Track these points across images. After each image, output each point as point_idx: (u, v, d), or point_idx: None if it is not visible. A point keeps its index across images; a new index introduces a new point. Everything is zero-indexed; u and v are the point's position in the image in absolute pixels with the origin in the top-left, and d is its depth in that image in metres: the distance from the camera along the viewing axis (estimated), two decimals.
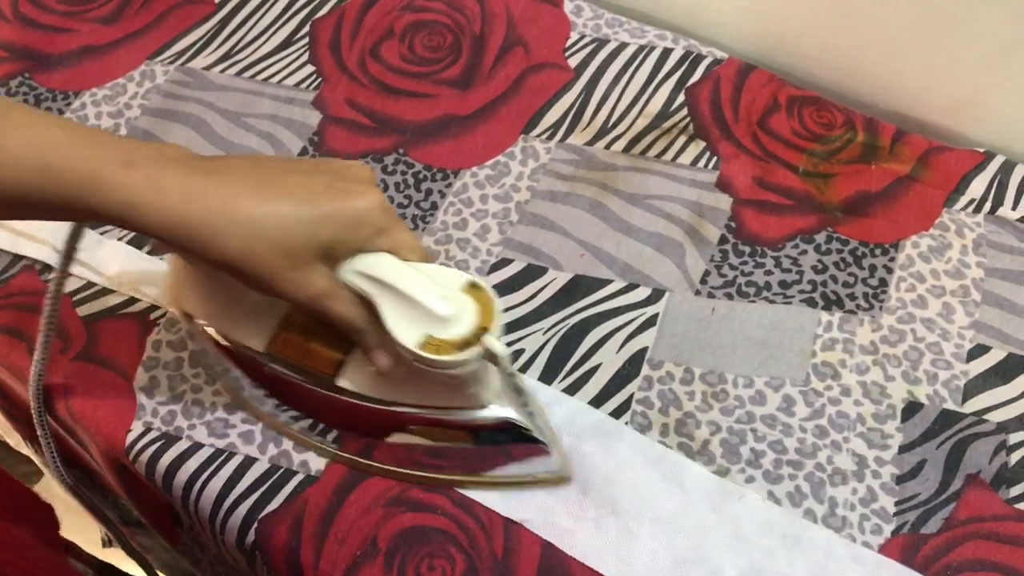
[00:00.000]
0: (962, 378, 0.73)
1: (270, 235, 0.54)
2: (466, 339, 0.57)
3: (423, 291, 0.57)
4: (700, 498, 0.68)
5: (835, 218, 0.81)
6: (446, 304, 0.57)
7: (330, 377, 0.64)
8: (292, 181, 0.56)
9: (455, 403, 0.63)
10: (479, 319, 0.57)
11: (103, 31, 0.95)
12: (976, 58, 0.84)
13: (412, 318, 0.57)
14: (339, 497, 0.68)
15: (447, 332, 0.57)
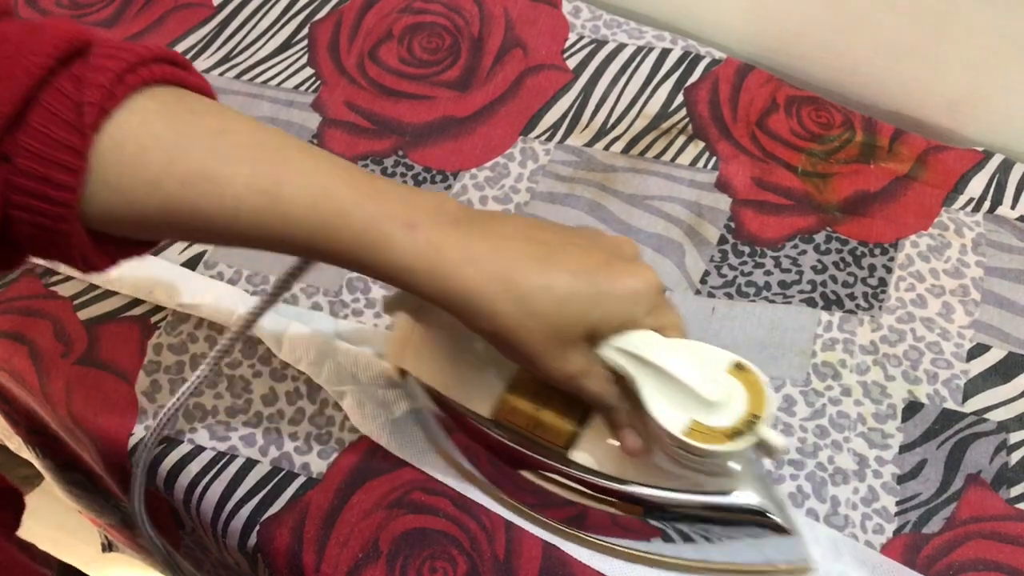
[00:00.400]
0: (962, 377, 0.73)
1: (545, 309, 0.52)
2: (736, 428, 0.54)
3: (691, 374, 0.54)
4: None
5: (834, 218, 0.82)
6: (715, 388, 0.54)
7: (562, 449, 0.62)
8: (570, 255, 0.54)
9: (699, 487, 0.59)
10: (749, 406, 0.55)
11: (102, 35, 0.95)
12: (974, 57, 0.84)
13: (677, 401, 0.54)
14: (340, 500, 0.68)
15: (714, 419, 0.54)
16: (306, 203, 0.49)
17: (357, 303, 0.77)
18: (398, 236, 0.50)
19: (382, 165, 0.85)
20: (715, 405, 0.54)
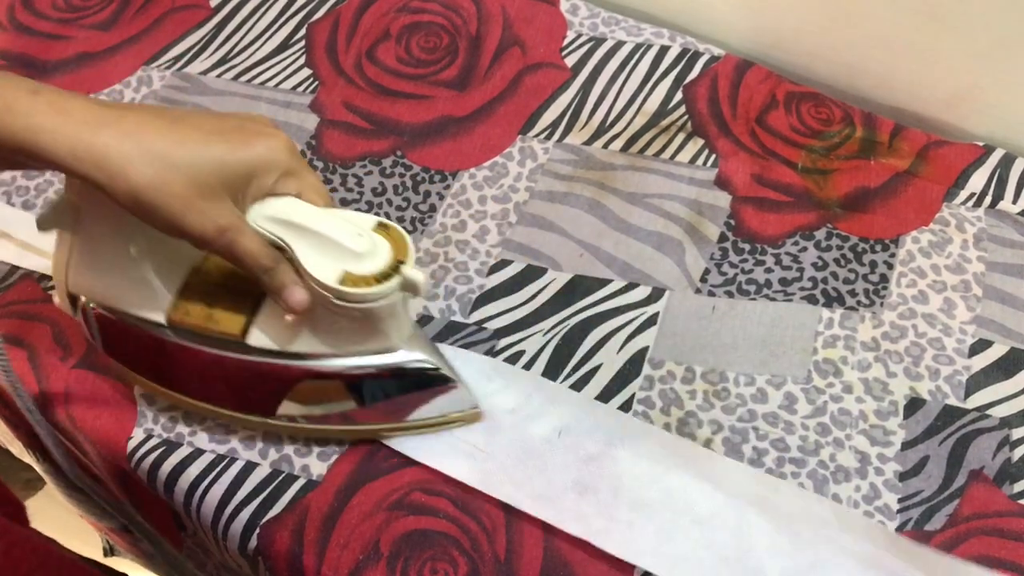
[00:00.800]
0: (964, 373, 0.73)
1: (182, 165, 0.54)
2: (384, 272, 0.59)
3: (337, 229, 0.59)
4: (735, 493, 0.68)
5: (835, 214, 0.81)
6: (361, 241, 0.59)
7: (238, 338, 0.65)
8: (201, 119, 0.57)
9: (367, 347, 0.64)
10: (394, 253, 0.59)
11: (99, 37, 0.95)
12: (973, 51, 0.83)
13: (328, 256, 0.59)
14: (340, 502, 0.68)
15: (364, 267, 0.59)
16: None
17: None
18: (23, 99, 0.52)
19: (380, 165, 0.85)
20: (363, 255, 0.59)
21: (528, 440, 0.69)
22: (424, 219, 0.82)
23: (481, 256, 0.80)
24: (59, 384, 0.74)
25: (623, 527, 0.66)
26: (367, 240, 0.59)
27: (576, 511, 0.66)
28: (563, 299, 0.78)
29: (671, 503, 0.67)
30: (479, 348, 0.75)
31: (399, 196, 0.83)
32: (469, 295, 0.78)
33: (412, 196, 0.83)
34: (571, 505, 0.66)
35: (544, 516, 0.66)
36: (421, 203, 0.83)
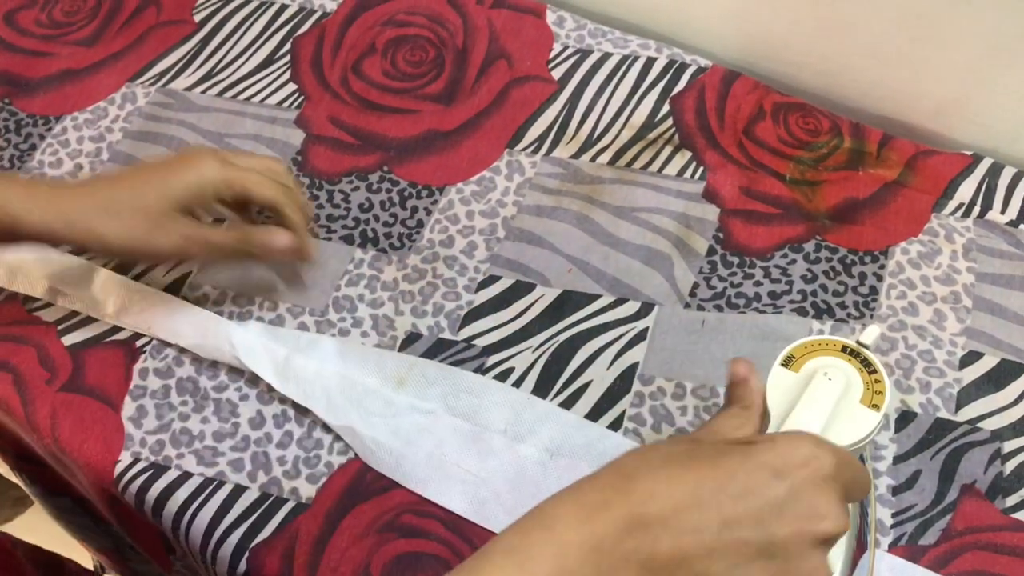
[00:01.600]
0: (955, 386, 0.73)
1: (134, 204, 0.66)
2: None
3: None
4: None
5: (823, 226, 0.81)
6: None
7: None
8: (145, 165, 0.72)
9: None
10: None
11: (83, 54, 0.94)
12: (960, 60, 0.83)
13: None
14: (330, 525, 0.67)
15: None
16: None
17: (344, 322, 0.77)
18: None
19: (367, 181, 0.85)
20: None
21: (521, 463, 0.69)
22: (411, 235, 0.82)
23: (469, 272, 0.79)
24: (45, 407, 0.73)
25: None
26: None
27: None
28: (552, 315, 0.77)
29: None
30: (468, 366, 0.74)
31: (386, 212, 0.83)
32: (457, 312, 0.77)
33: (399, 212, 0.83)
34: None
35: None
36: (408, 219, 0.83)
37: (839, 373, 0.55)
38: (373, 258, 0.80)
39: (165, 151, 0.87)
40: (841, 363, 0.56)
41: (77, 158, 0.87)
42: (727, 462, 0.44)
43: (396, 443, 0.70)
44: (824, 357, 0.57)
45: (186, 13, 0.98)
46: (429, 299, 0.78)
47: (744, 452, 0.45)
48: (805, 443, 0.45)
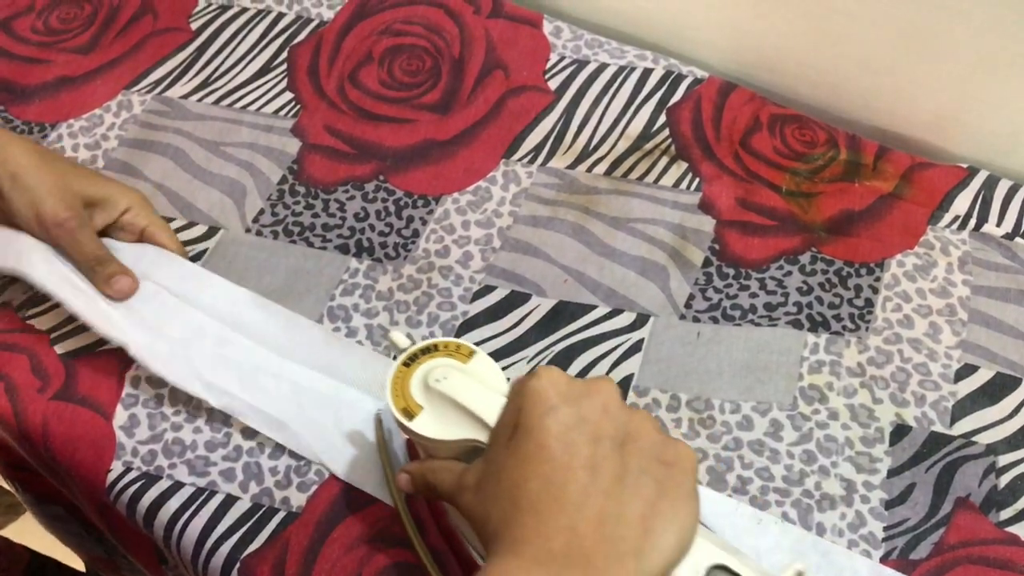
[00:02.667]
0: (950, 399, 0.72)
1: (57, 166, 0.73)
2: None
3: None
4: (718, 525, 0.67)
5: (819, 238, 0.81)
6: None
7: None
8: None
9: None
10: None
11: (79, 61, 0.94)
12: (956, 73, 0.83)
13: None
14: (321, 534, 0.67)
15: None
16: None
17: (338, 332, 0.76)
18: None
19: (363, 190, 0.85)
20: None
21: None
22: (407, 244, 0.82)
23: (465, 282, 0.79)
24: (37, 416, 0.73)
25: None
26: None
27: None
28: (547, 326, 0.77)
29: None
30: None
31: (382, 221, 0.83)
32: (452, 322, 0.77)
33: (395, 221, 0.83)
34: None
35: None
36: (404, 228, 0.82)
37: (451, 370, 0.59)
38: (368, 268, 0.80)
39: (161, 159, 0.87)
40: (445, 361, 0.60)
41: None
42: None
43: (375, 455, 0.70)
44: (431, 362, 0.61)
45: (182, 21, 0.98)
46: (424, 309, 0.78)
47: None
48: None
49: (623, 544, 0.48)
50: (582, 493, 0.49)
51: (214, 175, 0.86)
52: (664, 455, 0.52)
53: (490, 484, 0.52)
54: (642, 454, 0.51)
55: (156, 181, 0.86)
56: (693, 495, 0.51)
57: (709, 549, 0.51)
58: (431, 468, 0.59)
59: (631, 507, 0.49)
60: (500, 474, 0.52)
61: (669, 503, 0.50)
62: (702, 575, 0.50)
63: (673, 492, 0.50)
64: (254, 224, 0.83)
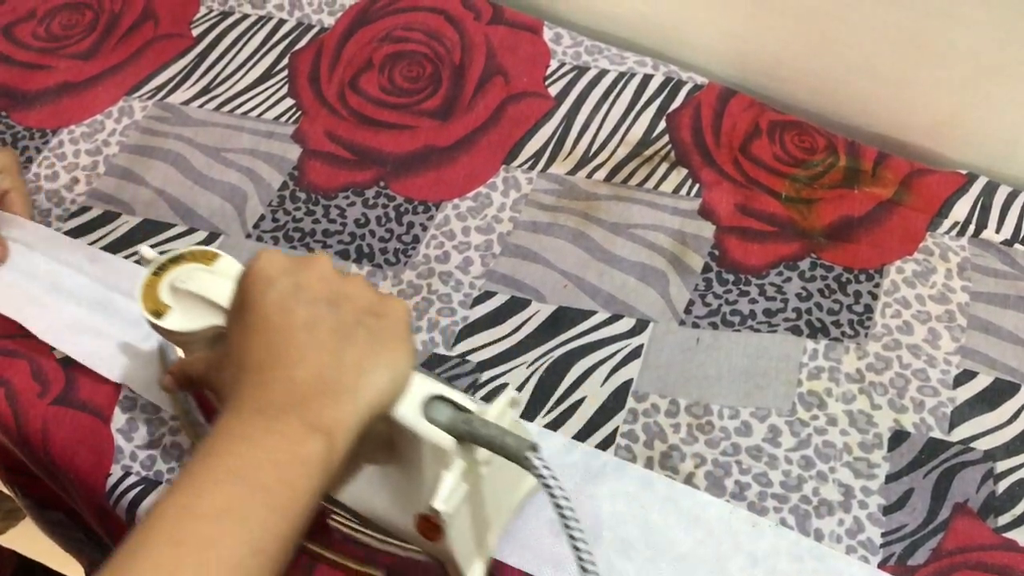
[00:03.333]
0: (948, 405, 0.72)
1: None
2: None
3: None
4: (714, 529, 0.67)
5: (819, 244, 0.81)
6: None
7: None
8: None
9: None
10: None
11: (80, 67, 0.95)
12: (954, 79, 0.83)
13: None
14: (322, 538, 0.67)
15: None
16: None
17: None
18: None
19: (363, 196, 0.85)
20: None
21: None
22: (407, 250, 0.82)
23: (465, 288, 0.79)
24: (37, 420, 0.73)
25: (601, 567, 0.65)
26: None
27: (553, 554, 0.66)
28: (547, 331, 0.77)
29: (651, 541, 0.66)
30: (462, 381, 0.74)
31: (382, 227, 0.83)
32: (452, 327, 0.77)
33: (395, 227, 0.83)
34: (548, 548, 0.66)
35: (521, 565, 0.65)
36: (404, 234, 0.83)
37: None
38: (368, 273, 0.80)
39: (162, 165, 0.87)
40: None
41: (74, 171, 0.87)
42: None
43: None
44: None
45: (184, 27, 0.98)
46: (424, 314, 0.78)
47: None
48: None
49: (338, 385, 0.53)
50: (300, 349, 0.53)
51: (215, 181, 0.86)
52: (377, 309, 0.57)
53: (225, 359, 0.57)
54: (357, 310, 0.56)
55: (157, 187, 0.86)
56: (406, 340, 0.56)
57: (428, 384, 0.56)
58: (188, 363, 0.63)
59: (347, 355, 0.54)
60: (232, 348, 0.56)
61: (382, 348, 0.55)
62: (420, 404, 0.55)
63: (386, 339, 0.55)
64: (255, 230, 0.83)
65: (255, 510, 0.48)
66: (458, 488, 0.55)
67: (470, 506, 0.58)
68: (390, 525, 0.61)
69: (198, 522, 0.47)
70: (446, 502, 0.54)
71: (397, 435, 0.57)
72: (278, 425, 0.51)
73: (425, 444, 0.55)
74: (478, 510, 0.60)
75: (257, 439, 0.51)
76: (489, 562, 0.64)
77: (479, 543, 0.62)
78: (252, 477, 0.49)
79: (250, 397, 0.53)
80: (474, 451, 0.55)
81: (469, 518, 0.59)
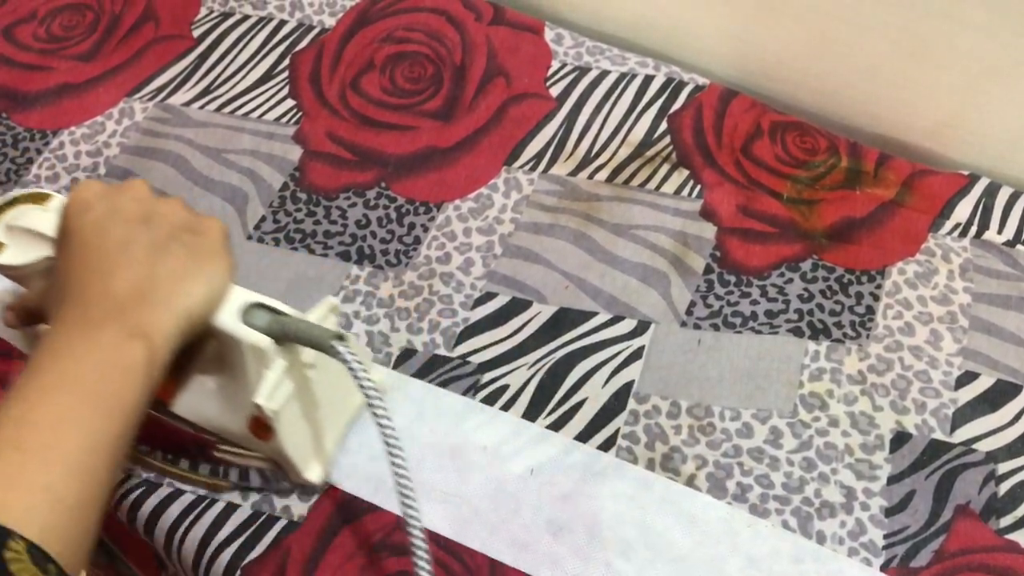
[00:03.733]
0: (950, 406, 0.72)
1: None
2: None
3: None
4: (711, 530, 0.67)
5: (820, 245, 0.81)
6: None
7: (165, 404, 0.66)
8: None
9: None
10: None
11: (81, 68, 0.95)
12: (956, 80, 0.83)
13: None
14: (323, 543, 0.67)
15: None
16: None
17: None
18: None
19: (364, 197, 0.85)
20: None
21: (502, 479, 0.69)
22: (408, 251, 0.82)
23: (466, 289, 0.79)
24: None
25: (600, 568, 0.65)
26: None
27: (551, 554, 0.66)
28: (548, 332, 0.77)
29: (650, 542, 0.66)
30: (463, 382, 0.74)
31: (383, 228, 0.83)
32: (454, 328, 0.77)
33: (396, 228, 0.83)
34: (546, 547, 0.66)
35: (519, 565, 0.66)
36: (406, 235, 0.83)
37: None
38: (370, 274, 0.80)
39: (163, 166, 0.87)
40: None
41: (74, 172, 0.87)
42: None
43: (374, 468, 0.70)
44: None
45: (184, 28, 0.98)
46: (425, 316, 0.78)
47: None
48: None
49: (154, 295, 0.57)
50: (116, 266, 0.57)
51: (216, 182, 0.86)
52: (194, 227, 0.61)
53: (53, 285, 0.61)
54: (171, 227, 0.60)
55: (158, 188, 0.86)
56: (222, 255, 0.61)
57: (248, 294, 0.61)
58: (27, 297, 0.68)
59: (162, 268, 0.58)
60: (58, 274, 0.60)
61: (198, 261, 0.59)
62: (239, 311, 0.59)
63: (202, 253, 0.60)
64: (256, 231, 0.83)
65: (86, 415, 0.53)
66: (281, 385, 0.60)
67: (301, 408, 0.63)
68: (231, 434, 0.66)
69: (36, 430, 0.52)
70: (268, 397, 0.59)
71: (223, 344, 0.61)
72: (99, 335, 0.55)
73: (245, 346, 0.59)
74: (310, 413, 0.65)
75: (81, 351, 0.55)
76: (328, 468, 0.69)
77: (316, 447, 0.67)
78: (80, 386, 0.54)
79: (72, 313, 0.57)
80: (297, 353, 0.60)
81: (302, 419, 0.64)
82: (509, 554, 0.66)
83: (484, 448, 0.70)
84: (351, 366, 0.58)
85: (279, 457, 0.65)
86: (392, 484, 0.59)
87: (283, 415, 0.61)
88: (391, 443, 0.59)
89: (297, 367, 0.61)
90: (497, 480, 0.69)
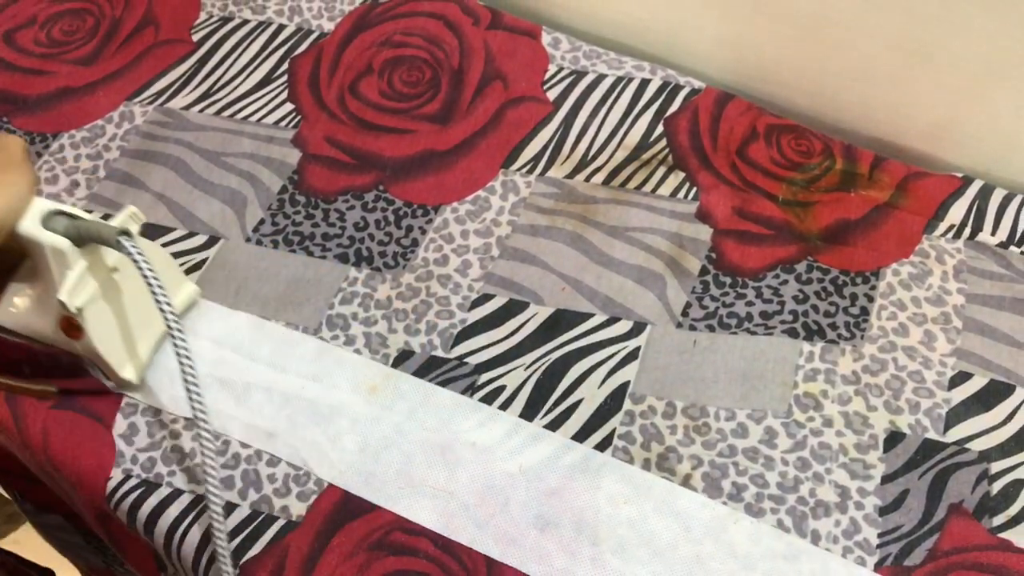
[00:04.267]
0: (944, 406, 0.73)
1: None
2: None
3: None
4: (695, 526, 0.68)
5: (815, 247, 0.81)
6: None
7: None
8: None
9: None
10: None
11: (81, 72, 0.95)
12: (951, 83, 0.84)
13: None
14: (321, 543, 0.67)
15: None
16: None
17: (337, 340, 0.77)
18: None
19: (363, 200, 0.85)
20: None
21: (490, 475, 0.70)
22: (406, 253, 0.82)
23: (463, 291, 0.80)
24: (36, 424, 0.73)
25: (585, 564, 0.66)
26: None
27: (538, 549, 0.66)
28: (545, 334, 0.78)
29: (642, 539, 0.67)
30: (460, 383, 0.75)
31: (381, 231, 0.83)
32: (451, 330, 0.78)
33: (394, 231, 0.84)
34: (533, 543, 0.67)
35: (507, 559, 0.66)
36: (403, 238, 0.83)
37: None
38: (367, 276, 0.81)
39: (162, 169, 0.88)
40: None
41: (74, 175, 0.88)
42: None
43: (364, 460, 0.70)
44: None
45: (184, 33, 0.98)
46: (422, 317, 0.79)
47: None
48: None
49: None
50: None
51: (215, 185, 0.87)
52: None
53: None
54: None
55: (157, 191, 0.86)
56: (21, 168, 0.64)
57: (52, 204, 0.64)
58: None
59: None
60: None
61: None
62: (40, 218, 0.63)
63: (1, 166, 0.63)
64: (254, 234, 0.84)
65: None
66: (83, 284, 0.65)
67: (110, 309, 0.68)
68: (48, 338, 0.70)
69: None
70: (70, 294, 0.64)
71: (30, 251, 0.65)
72: None
73: (47, 249, 0.63)
74: (121, 316, 0.70)
75: None
76: (143, 372, 0.74)
77: (130, 349, 0.72)
78: None
79: None
80: (100, 255, 0.66)
81: (113, 321, 0.69)
82: (497, 549, 0.67)
83: (474, 444, 0.71)
84: (134, 258, 0.63)
85: (93, 356, 0.70)
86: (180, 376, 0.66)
87: (89, 314, 0.66)
88: (175, 334, 0.65)
89: (101, 269, 0.66)
90: (487, 476, 0.70)
